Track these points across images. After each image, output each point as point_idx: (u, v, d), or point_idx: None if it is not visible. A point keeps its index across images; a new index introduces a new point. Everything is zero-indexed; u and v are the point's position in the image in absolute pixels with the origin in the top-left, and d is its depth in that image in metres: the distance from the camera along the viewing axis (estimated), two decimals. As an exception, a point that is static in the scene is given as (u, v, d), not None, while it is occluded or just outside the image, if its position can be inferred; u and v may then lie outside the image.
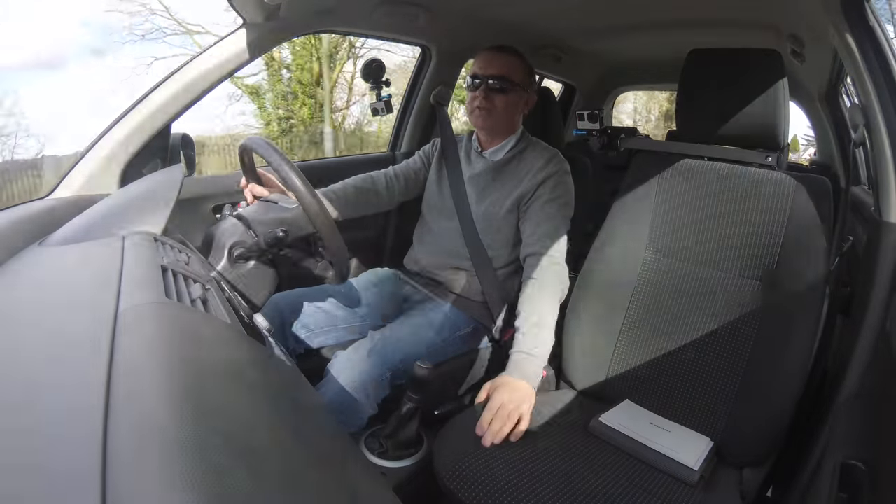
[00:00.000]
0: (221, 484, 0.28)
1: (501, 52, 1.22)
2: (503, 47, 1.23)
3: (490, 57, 1.21)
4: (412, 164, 1.37)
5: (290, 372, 0.60)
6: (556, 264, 1.10)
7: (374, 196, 1.29)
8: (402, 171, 1.35)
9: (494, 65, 1.20)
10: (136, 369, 0.37)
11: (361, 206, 1.27)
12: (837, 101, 1.90)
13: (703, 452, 0.88)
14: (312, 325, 1.17)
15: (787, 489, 0.88)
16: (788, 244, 0.94)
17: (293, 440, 0.39)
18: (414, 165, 1.37)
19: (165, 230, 0.75)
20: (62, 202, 0.98)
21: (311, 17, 1.22)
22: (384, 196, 1.30)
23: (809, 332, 0.88)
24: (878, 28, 0.87)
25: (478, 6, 1.39)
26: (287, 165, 0.84)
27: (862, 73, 0.85)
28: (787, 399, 0.86)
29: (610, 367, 1.07)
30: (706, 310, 1.01)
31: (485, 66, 1.20)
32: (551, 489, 0.79)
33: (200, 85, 1.11)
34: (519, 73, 1.21)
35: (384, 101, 1.49)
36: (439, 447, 0.87)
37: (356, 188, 1.27)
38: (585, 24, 1.68)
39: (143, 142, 1.07)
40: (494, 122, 1.22)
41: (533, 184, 1.18)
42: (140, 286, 0.51)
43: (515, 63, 1.21)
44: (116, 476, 0.27)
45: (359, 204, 1.26)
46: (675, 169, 1.08)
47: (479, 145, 1.30)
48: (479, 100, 1.20)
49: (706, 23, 1.51)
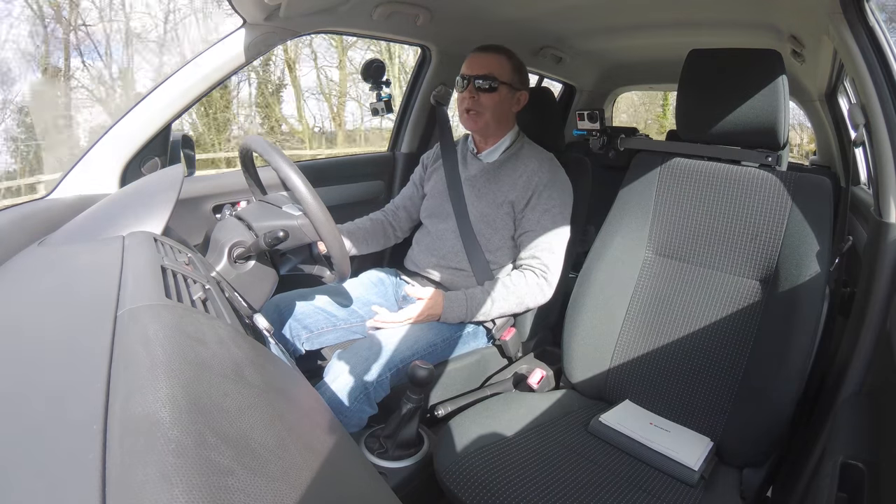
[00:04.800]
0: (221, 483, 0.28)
1: (487, 51, 1.23)
2: (489, 46, 1.24)
3: (476, 57, 1.22)
4: (407, 193, 1.41)
5: (290, 372, 0.60)
6: (544, 280, 1.17)
7: (390, 227, 1.37)
8: (402, 202, 1.40)
9: (480, 64, 1.21)
10: (136, 369, 0.37)
11: (379, 237, 1.35)
12: (837, 101, 1.90)
13: (703, 452, 0.88)
14: (312, 325, 1.17)
15: (787, 489, 0.88)
16: (788, 244, 0.94)
17: (293, 440, 0.39)
18: (409, 193, 1.40)
19: (165, 230, 0.75)
20: (62, 202, 0.98)
21: (311, 17, 1.22)
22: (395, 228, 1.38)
23: (809, 332, 0.88)
24: (879, 28, 0.87)
25: (478, 6, 1.39)
26: (287, 165, 0.84)
27: (862, 73, 0.85)
28: (787, 399, 0.86)
29: (610, 367, 1.07)
30: (706, 310, 1.00)
31: (471, 67, 1.21)
32: (551, 489, 0.79)
33: (200, 85, 1.11)
34: (506, 70, 1.21)
35: (384, 101, 1.49)
36: (439, 447, 0.87)
37: (372, 221, 1.35)
38: (585, 24, 1.68)
39: (143, 142, 1.08)
40: (485, 123, 1.23)
41: (527, 190, 1.19)
42: (140, 286, 0.51)
43: (502, 61, 1.21)
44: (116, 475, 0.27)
45: (377, 236, 1.33)
46: (675, 169, 1.08)
47: (475, 147, 1.30)
48: (467, 101, 1.21)
49: (706, 23, 1.51)
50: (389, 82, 1.47)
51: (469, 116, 1.22)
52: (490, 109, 1.21)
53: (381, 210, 1.40)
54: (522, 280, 1.16)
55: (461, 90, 1.22)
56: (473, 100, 1.20)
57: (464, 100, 1.22)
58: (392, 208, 1.40)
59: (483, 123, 1.22)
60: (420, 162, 1.42)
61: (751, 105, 0.96)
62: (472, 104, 1.20)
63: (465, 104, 1.21)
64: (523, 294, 1.15)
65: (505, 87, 1.21)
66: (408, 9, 1.35)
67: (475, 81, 1.19)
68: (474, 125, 1.23)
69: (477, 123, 1.22)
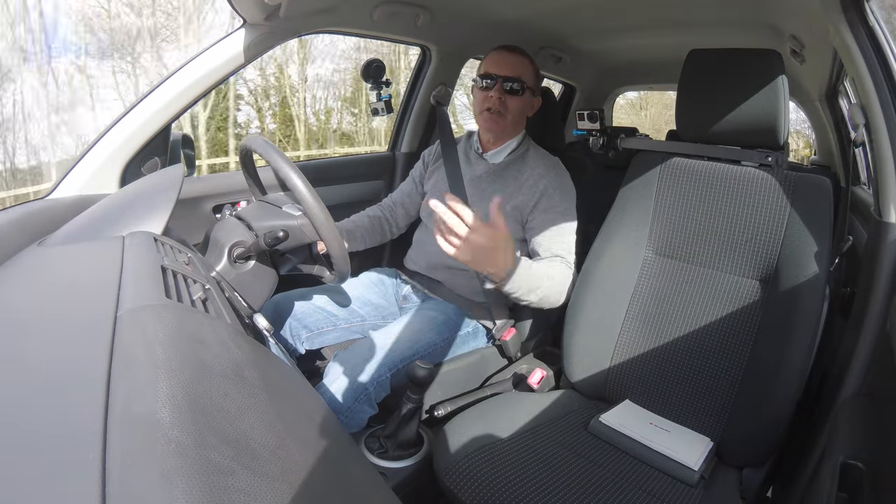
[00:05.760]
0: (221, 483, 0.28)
1: (514, 52, 1.20)
2: (515, 48, 1.21)
3: (504, 56, 1.19)
4: (406, 189, 1.40)
5: (290, 372, 0.60)
6: (570, 271, 1.13)
7: (386, 224, 1.36)
8: (399, 198, 1.39)
9: (509, 65, 1.17)
10: (136, 369, 0.37)
11: (377, 235, 1.34)
12: (837, 101, 1.90)
13: (703, 452, 0.88)
14: (312, 325, 1.17)
15: (787, 489, 0.88)
16: (788, 244, 0.94)
17: (293, 440, 0.39)
18: (408, 189, 1.39)
19: (165, 230, 0.75)
20: (62, 202, 0.98)
21: (311, 17, 1.22)
22: (392, 224, 1.37)
23: (809, 332, 0.88)
24: (879, 28, 0.87)
25: (478, 6, 1.39)
26: (287, 165, 0.84)
27: (862, 73, 0.85)
28: (787, 399, 0.86)
29: (610, 367, 1.07)
30: (706, 310, 1.01)
31: (499, 66, 1.17)
32: (551, 489, 0.79)
33: (200, 85, 1.11)
34: (531, 75, 1.20)
35: (384, 101, 1.49)
36: (439, 447, 0.87)
37: (369, 217, 1.33)
38: (585, 24, 1.68)
39: (143, 142, 1.08)
40: (505, 126, 1.21)
41: (534, 193, 1.17)
42: (140, 286, 0.51)
43: (528, 65, 1.20)
44: (116, 475, 0.27)
45: (373, 233, 1.32)
46: (675, 169, 1.08)
47: (481, 146, 1.29)
48: (493, 101, 1.17)
49: (706, 23, 1.51)
50: (389, 82, 1.47)
51: (491, 116, 1.18)
52: (514, 112, 1.19)
53: (377, 206, 1.39)
54: (559, 270, 1.09)
55: (485, 88, 1.18)
56: (500, 101, 1.17)
57: (488, 98, 1.17)
58: (389, 204, 1.39)
59: (504, 125, 1.20)
60: (421, 158, 1.41)
61: (751, 105, 0.96)
62: (498, 105, 1.17)
63: (488, 103, 1.17)
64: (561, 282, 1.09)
65: (529, 92, 1.20)
66: (408, 9, 1.35)
67: (504, 84, 1.16)
68: (495, 126, 1.20)
69: (499, 125, 1.20)
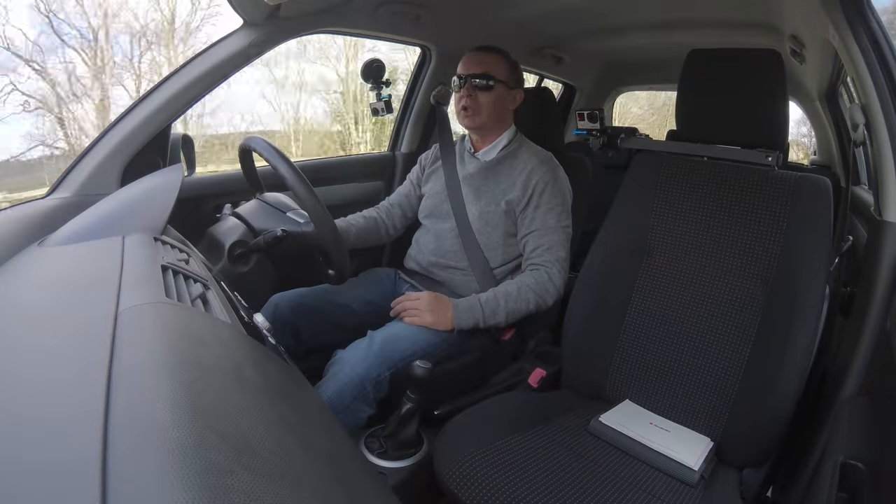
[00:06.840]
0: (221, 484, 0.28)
1: (482, 51, 1.25)
2: (485, 47, 1.26)
3: (472, 56, 1.25)
4: (404, 191, 1.41)
5: (290, 372, 0.60)
6: (549, 282, 1.15)
7: (383, 225, 1.37)
8: (397, 200, 1.40)
9: (476, 63, 1.23)
10: (136, 369, 0.37)
11: (372, 235, 1.34)
12: (837, 101, 1.90)
13: (703, 452, 0.88)
14: (312, 324, 1.17)
15: (787, 489, 0.88)
16: (788, 244, 0.94)
17: (293, 440, 0.39)
18: (406, 191, 1.40)
19: (165, 230, 0.75)
20: (62, 202, 0.98)
21: (311, 17, 1.23)
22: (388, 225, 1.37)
23: (809, 333, 0.87)
24: (878, 28, 0.87)
25: (478, 6, 1.39)
26: (287, 165, 0.84)
27: (862, 73, 0.85)
28: (787, 399, 0.86)
29: (610, 367, 1.07)
30: (706, 310, 1.00)
31: (467, 66, 1.24)
32: (551, 489, 0.79)
33: (200, 85, 1.11)
34: (502, 70, 1.23)
35: (384, 101, 1.49)
36: (439, 447, 0.87)
37: (366, 218, 1.34)
38: (585, 24, 1.68)
39: (143, 142, 1.07)
40: (482, 121, 1.24)
41: (527, 188, 1.19)
42: (140, 286, 0.51)
43: (498, 60, 1.24)
44: (116, 475, 0.27)
45: (370, 233, 1.33)
46: (675, 169, 1.08)
47: (472, 146, 1.31)
48: (464, 99, 1.22)
49: (706, 23, 1.51)
50: (389, 82, 1.47)
51: (466, 114, 1.23)
52: (486, 107, 1.23)
53: (374, 207, 1.40)
54: (532, 280, 1.15)
55: (458, 89, 1.24)
56: (470, 98, 1.22)
57: (461, 98, 1.23)
58: (387, 205, 1.40)
59: (480, 121, 1.24)
60: (418, 162, 1.43)
61: (751, 105, 0.96)
62: (469, 102, 1.22)
63: (462, 102, 1.23)
64: (535, 294, 1.14)
65: (501, 86, 1.23)
66: (408, 9, 1.36)
67: (472, 80, 1.21)
68: (471, 122, 1.25)
69: (474, 121, 1.24)
